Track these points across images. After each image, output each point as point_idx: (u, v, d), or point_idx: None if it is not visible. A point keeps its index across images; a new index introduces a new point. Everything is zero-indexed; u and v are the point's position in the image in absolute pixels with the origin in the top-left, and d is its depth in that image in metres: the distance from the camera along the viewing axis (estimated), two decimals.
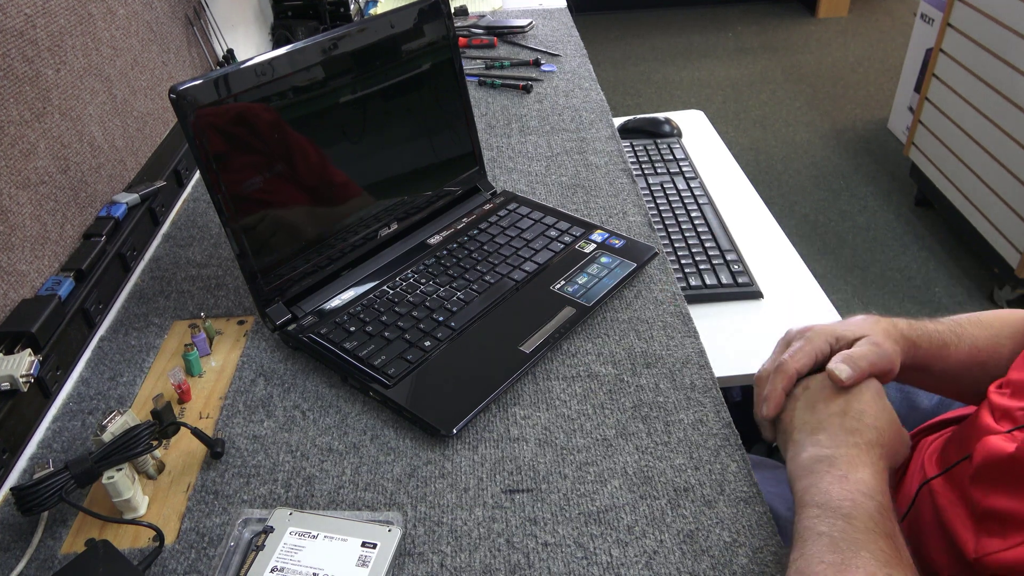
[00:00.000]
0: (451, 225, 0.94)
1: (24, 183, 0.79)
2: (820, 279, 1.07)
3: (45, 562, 0.60)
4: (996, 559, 0.57)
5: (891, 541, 0.51)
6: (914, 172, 2.37)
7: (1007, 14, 1.81)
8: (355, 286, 0.84)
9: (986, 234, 1.99)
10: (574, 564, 0.57)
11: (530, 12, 1.63)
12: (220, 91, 0.71)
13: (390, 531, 0.59)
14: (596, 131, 1.17)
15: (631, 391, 0.72)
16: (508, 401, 0.71)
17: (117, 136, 0.99)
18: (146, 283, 0.91)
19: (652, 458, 0.65)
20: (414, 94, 0.89)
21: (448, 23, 0.90)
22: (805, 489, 0.55)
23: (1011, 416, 0.62)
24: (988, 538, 0.58)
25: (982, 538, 0.58)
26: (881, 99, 3.05)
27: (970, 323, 0.71)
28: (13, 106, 0.78)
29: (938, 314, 2.03)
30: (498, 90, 1.32)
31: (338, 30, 0.80)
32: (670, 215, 1.14)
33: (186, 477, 0.66)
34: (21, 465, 0.69)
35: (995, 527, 0.58)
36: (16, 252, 0.77)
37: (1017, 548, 0.55)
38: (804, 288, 1.03)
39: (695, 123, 1.48)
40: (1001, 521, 0.57)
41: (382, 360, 0.73)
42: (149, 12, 1.10)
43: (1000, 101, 1.86)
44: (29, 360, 0.69)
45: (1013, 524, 0.56)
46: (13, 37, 0.78)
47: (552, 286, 0.83)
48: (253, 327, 0.83)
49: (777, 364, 0.65)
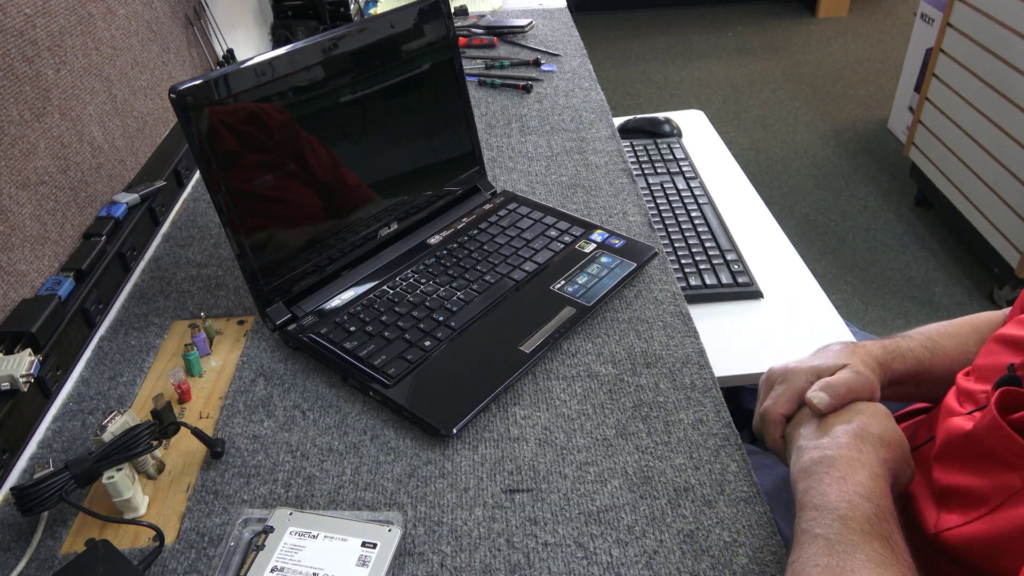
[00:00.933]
0: (451, 225, 0.94)
1: (24, 183, 0.79)
2: (820, 279, 1.07)
3: (45, 562, 0.60)
4: (954, 534, 0.57)
5: (887, 543, 0.51)
6: (914, 172, 2.37)
7: (1007, 14, 1.81)
8: (355, 286, 0.84)
9: (986, 234, 1.99)
10: (574, 564, 0.57)
11: (530, 12, 1.63)
12: (220, 91, 0.71)
13: (390, 531, 0.59)
14: (596, 131, 1.17)
15: (631, 391, 0.72)
16: (508, 401, 0.71)
17: (117, 136, 0.99)
18: (146, 283, 0.91)
19: (652, 458, 0.65)
20: (414, 94, 0.89)
21: (448, 23, 0.90)
22: (804, 491, 0.56)
23: (974, 398, 0.63)
24: (948, 514, 0.59)
25: (942, 514, 0.59)
26: (881, 99, 3.05)
27: (939, 334, 0.73)
28: (13, 106, 0.78)
29: (938, 314, 2.04)
30: (498, 90, 1.32)
31: (338, 30, 0.80)
32: (670, 215, 1.14)
33: (186, 477, 0.66)
34: (21, 465, 0.69)
35: (954, 504, 0.59)
36: (16, 252, 0.77)
37: (974, 523, 0.56)
38: (804, 288, 1.03)
39: (695, 123, 1.48)
40: (960, 498, 0.58)
41: (382, 360, 0.73)
42: (149, 12, 1.10)
43: (1000, 101, 1.86)
44: (29, 360, 0.69)
45: (971, 500, 0.57)
46: (13, 37, 0.78)
47: (552, 286, 0.83)
48: (253, 327, 0.83)
49: (762, 414, 0.66)
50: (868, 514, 0.52)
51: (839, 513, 0.52)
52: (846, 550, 0.49)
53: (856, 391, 0.62)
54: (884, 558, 0.49)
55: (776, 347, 0.93)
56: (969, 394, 0.64)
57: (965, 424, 0.60)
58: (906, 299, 2.08)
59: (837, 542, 0.50)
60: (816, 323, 0.97)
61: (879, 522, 0.52)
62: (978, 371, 0.65)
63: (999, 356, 0.63)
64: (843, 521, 0.51)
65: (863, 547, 0.50)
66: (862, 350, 0.67)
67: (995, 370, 0.63)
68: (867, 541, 0.50)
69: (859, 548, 0.49)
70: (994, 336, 0.66)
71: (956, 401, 0.65)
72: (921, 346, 0.71)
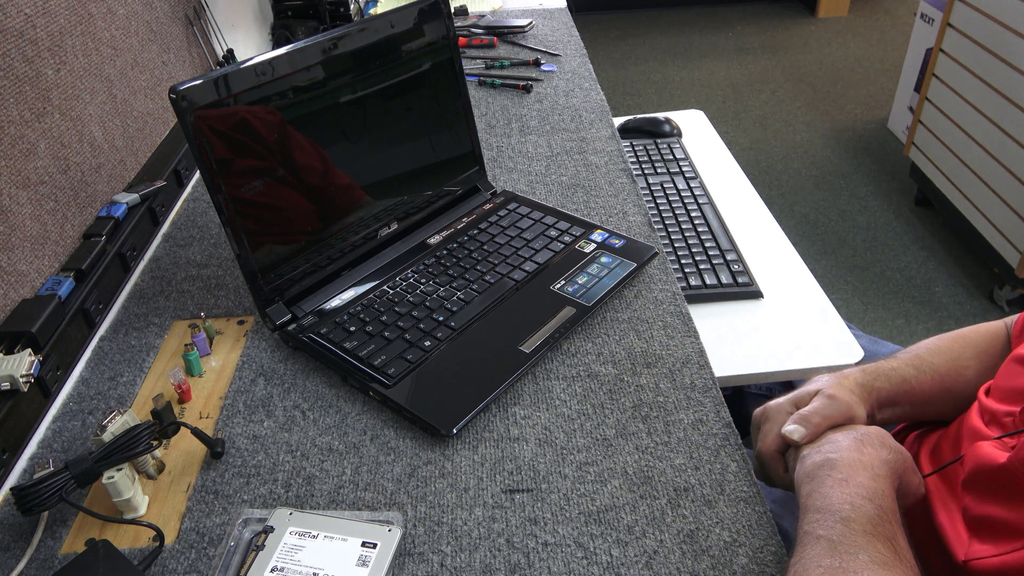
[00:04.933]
0: (451, 225, 0.94)
1: (24, 183, 0.79)
2: (820, 279, 1.07)
3: (45, 562, 0.60)
4: (984, 564, 0.57)
5: (890, 544, 0.51)
6: (914, 172, 2.37)
7: (1007, 14, 1.81)
8: (355, 286, 0.84)
9: (986, 234, 1.99)
10: (574, 564, 0.57)
11: (530, 12, 1.63)
12: (220, 91, 0.71)
13: (390, 531, 0.59)
14: (596, 131, 1.17)
15: (631, 391, 0.72)
16: (508, 401, 0.71)
17: (117, 136, 0.99)
18: (146, 283, 0.91)
19: (652, 458, 0.65)
20: (414, 94, 0.89)
21: (448, 23, 0.90)
22: (808, 494, 0.56)
23: (999, 421, 0.63)
24: (980, 544, 0.58)
25: (974, 543, 0.59)
26: (881, 99, 3.05)
27: (928, 352, 0.72)
28: (13, 106, 0.78)
29: (938, 314, 2.04)
30: (498, 90, 1.32)
31: (338, 30, 0.80)
32: (670, 215, 1.14)
33: (186, 477, 0.66)
34: (21, 465, 0.69)
35: (987, 534, 0.58)
36: (16, 252, 0.77)
37: (1007, 555, 0.56)
38: (804, 288, 1.03)
39: (695, 123, 1.47)
40: (994, 529, 0.58)
41: (382, 360, 0.73)
42: (149, 12, 1.10)
43: (1000, 101, 1.86)
44: (29, 360, 0.69)
45: (1006, 532, 0.57)
46: (13, 37, 0.78)
47: (552, 286, 0.83)
48: (253, 327, 0.82)
49: (758, 456, 0.66)
50: (870, 515, 0.52)
51: (842, 515, 0.52)
52: (849, 551, 0.49)
53: (831, 417, 0.62)
54: (887, 559, 0.49)
55: (776, 347, 0.93)
56: (993, 415, 0.63)
57: (998, 455, 0.59)
58: (906, 299, 2.08)
59: (840, 543, 0.50)
60: (816, 323, 0.97)
61: (881, 523, 0.52)
62: (999, 392, 0.65)
63: (1021, 378, 0.63)
64: (846, 522, 0.51)
65: (866, 548, 0.50)
66: (842, 376, 0.67)
67: (1018, 392, 0.62)
68: (870, 542, 0.50)
69: (862, 549, 0.49)
70: (1013, 356, 0.66)
71: (981, 421, 0.64)
72: (906, 365, 0.70)
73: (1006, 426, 0.61)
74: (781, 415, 0.65)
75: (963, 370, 0.71)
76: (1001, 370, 0.67)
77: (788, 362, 0.91)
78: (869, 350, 0.94)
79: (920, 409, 0.71)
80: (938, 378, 0.70)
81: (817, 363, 0.91)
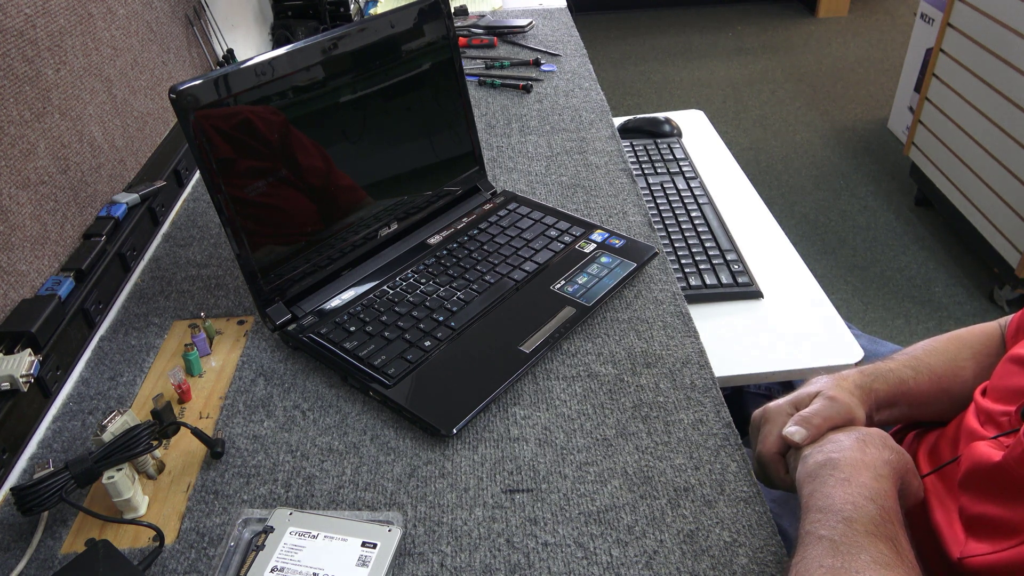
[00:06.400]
0: (451, 225, 0.94)
1: (24, 183, 0.79)
2: (820, 279, 1.07)
3: (45, 562, 0.60)
4: (979, 561, 0.57)
5: (892, 544, 0.51)
6: (914, 172, 2.36)
7: (1007, 14, 1.81)
8: (355, 286, 0.84)
9: (986, 234, 1.99)
10: (574, 564, 0.57)
11: (530, 12, 1.63)
12: (220, 91, 0.71)
13: (390, 531, 0.59)
14: (596, 131, 1.17)
15: (631, 391, 0.72)
16: (508, 401, 0.71)
17: (117, 136, 0.99)
18: (146, 283, 0.91)
19: (652, 458, 0.65)
20: (414, 94, 0.89)
21: (448, 23, 0.90)
22: (810, 494, 0.56)
23: (995, 421, 0.63)
24: (976, 542, 0.59)
25: (970, 542, 0.59)
26: (881, 99, 3.05)
27: (925, 352, 0.72)
28: (13, 106, 0.78)
29: (938, 314, 2.04)
30: (498, 90, 1.32)
31: (338, 30, 0.80)
32: (670, 215, 1.14)
33: (186, 477, 0.66)
34: (21, 465, 0.69)
35: (983, 533, 0.58)
36: (16, 252, 0.77)
37: (1001, 553, 0.56)
38: (804, 288, 1.03)
39: (695, 123, 1.47)
40: (989, 527, 0.58)
41: (382, 360, 0.73)
42: (149, 12, 1.10)
43: (1000, 101, 1.86)
44: (29, 360, 0.69)
45: (1001, 530, 0.57)
46: (13, 37, 0.78)
47: (552, 286, 0.83)
48: (253, 327, 0.83)
49: (758, 458, 0.65)
50: (872, 515, 0.52)
51: (844, 515, 0.52)
52: (850, 551, 0.49)
53: (831, 419, 0.62)
54: (889, 559, 0.49)
55: (776, 347, 0.93)
56: (989, 415, 0.63)
57: (993, 453, 0.59)
58: (906, 299, 2.08)
59: (841, 543, 0.50)
60: (816, 323, 0.97)
61: (883, 523, 0.52)
62: (995, 392, 0.65)
63: (1016, 378, 0.63)
64: (847, 523, 0.51)
65: (868, 548, 0.50)
66: (840, 378, 0.67)
67: (1013, 392, 0.62)
68: (872, 542, 0.50)
69: (864, 549, 0.49)
70: (1008, 356, 0.66)
71: (977, 421, 0.64)
72: (903, 366, 0.70)
73: (1002, 425, 0.62)
74: (781, 417, 0.65)
75: (960, 371, 0.71)
76: (997, 370, 0.67)
77: (788, 362, 0.91)
78: (869, 350, 0.94)
79: (918, 410, 0.71)
80: (935, 379, 0.70)
81: (817, 363, 0.91)
